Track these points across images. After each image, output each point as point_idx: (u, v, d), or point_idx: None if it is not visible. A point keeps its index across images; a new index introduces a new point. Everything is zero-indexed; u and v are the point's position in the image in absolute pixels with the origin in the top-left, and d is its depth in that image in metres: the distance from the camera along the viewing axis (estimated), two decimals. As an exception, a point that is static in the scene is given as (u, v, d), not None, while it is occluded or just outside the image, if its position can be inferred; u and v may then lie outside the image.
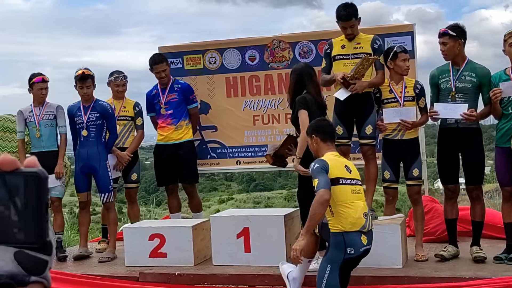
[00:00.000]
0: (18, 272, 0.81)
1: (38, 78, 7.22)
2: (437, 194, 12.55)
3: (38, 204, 0.82)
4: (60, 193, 7.28)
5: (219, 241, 6.45)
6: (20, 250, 0.81)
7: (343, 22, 6.37)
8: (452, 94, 6.24)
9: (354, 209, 5.04)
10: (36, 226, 0.82)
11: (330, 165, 5.01)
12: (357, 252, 5.02)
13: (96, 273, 6.49)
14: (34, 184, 0.82)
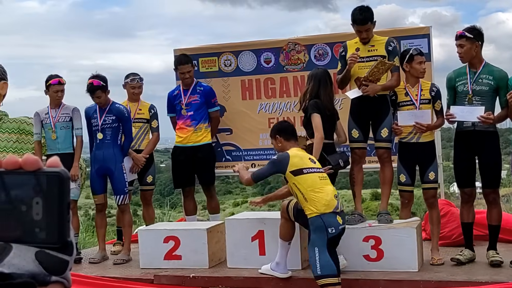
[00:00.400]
0: (39, 271, 0.81)
1: (54, 80, 7.25)
2: (453, 198, 12.48)
3: (59, 204, 0.82)
4: (75, 196, 7.30)
5: (234, 243, 6.44)
6: (41, 250, 0.81)
7: (358, 26, 6.35)
8: (469, 97, 6.20)
9: (325, 193, 5.55)
10: (58, 226, 0.82)
11: (293, 160, 5.65)
12: (337, 231, 5.51)
13: (111, 275, 6.50)
14: (56, 184, 0.82)
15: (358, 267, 6.01)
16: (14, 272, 0.79)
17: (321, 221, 5.46)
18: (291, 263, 6.19)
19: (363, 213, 6.64)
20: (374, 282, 5.72)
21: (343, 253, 5.89)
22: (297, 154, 5.75)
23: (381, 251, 6.01)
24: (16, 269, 0.80)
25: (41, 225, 0.81)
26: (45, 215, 0.81)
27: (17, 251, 0.81)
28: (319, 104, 6.46)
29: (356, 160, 6.58)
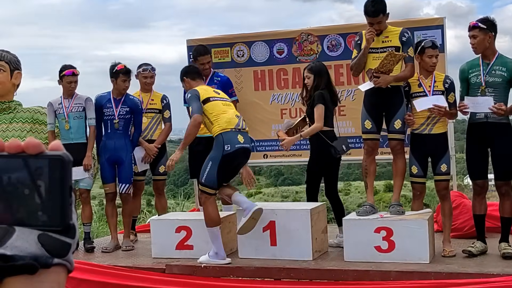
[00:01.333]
0: (42, 254, 0.82)
1: (68, 71, 7.29)
2: (467, 190, 12.45)
3: (62, 187, 0.83)
4: (88, 185, 7.35)
5: (245, 234, 6.46)
6: (43, 233, 0.82)
7: (370, 17, 6.33)
8: (482, 88, 6.17)
9: (227, 113, 6.28)
10: (60, 209, 0.83)
11: (200, 91, 6.32)
12: (233, 148, 6.12)
13: (123, 264, 6.53)
14: (58, 167, 0.83)
15: (369, 258, 6.02)
16: (17, 254, 0.80)
17: (221, 138, 6.15)
18: (302, 253, 6.22)
19: (375, 205, 6.63)
20: (385, 273, 5.72)
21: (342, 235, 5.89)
22: (202, 88, 6.51)
23: (392, 243, 6.01)
24: (19, 251, 0.81)
25: (44, 208, 0.82)
26: (47, 198, 0.82)
27: (20, 233, 0.81)
28: (324, 95, 6.90)
29: (368, 152, 6.57)
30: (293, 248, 6.27)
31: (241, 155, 6.26)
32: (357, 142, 8.15)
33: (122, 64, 7.45)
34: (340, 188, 36.25)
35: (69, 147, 7.16)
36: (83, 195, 7.35)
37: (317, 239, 6.39)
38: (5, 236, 0.81)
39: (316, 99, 6.86)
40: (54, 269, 0.83)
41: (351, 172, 40.28)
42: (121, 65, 7.43)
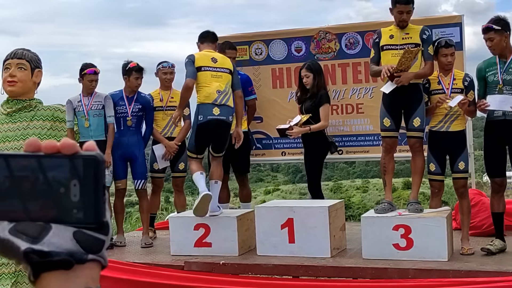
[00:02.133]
0: (77, 250, 0.85)
1: (90, 70, 7.37)
2: (486, 188, 12.39)
3: (96, 185, 0.86)
4: (108, 182, 7.40)
5: (264, 231, 6.48)
6: (79, 230, 0.85)
7: (401, 5, 6.30)
8: (499, 87, 6.15)
9: (210, 87, 6.65)
10: (94, 207, 0.86)
11: (196, 57, 6.70)
12: (205, 119, 6.65)
13: (142, 261, 6.58)
14: (92, 167, 0.86)
15: (388, 256, 6.02)
16: (53, 250, 0.84)
17: (197, 109, 6.73)
18: (321, 250, 6.23)
19: (394, 202, 6.63)
20: (403, 271, 5.72)
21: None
22: (201, 53, 6.88)
23: (410, 240, 6.00)
24: (55, 247, 0.84)
25: (79, 206, 0.85)
26: (82, 196, 0.85)
27: (56, 230, 0.85)
28: (328, 95, 7.55)
29: (387, 149, 6.56)
30: (311, 246, 6.28)
31: (214, 125, 6.69)
32: (376, 140, 8.16)
33: (134, 62, 7.60)
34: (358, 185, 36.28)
35: (89, 144, 7.23)
36: None
37: (335, 236, 6.40)
38: (42, 233, 0.84)
39: (324, 98, 7.40)
40: (89, 264, 0.86)
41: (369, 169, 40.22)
42: (134, 62, 7.59)
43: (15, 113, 4.03)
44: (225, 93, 6.72)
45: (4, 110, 4.03)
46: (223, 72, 6.80)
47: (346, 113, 8.39)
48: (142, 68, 7.66)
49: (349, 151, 8.53)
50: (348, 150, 8.51)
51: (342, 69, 8.36)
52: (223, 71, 6.81)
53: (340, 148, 8.37)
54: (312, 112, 7.38)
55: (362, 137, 8.43)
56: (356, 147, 8.47)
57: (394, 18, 6.42)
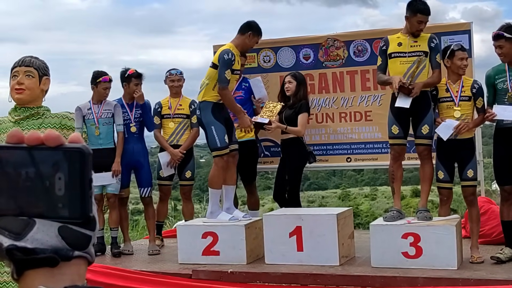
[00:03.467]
0: (62, 246, 0.82)
1: (105, 78, 7.40)
2: (495, 196, 12.32)
3: (81, 179, 0.83)
4: (116, 190, 7.40)
5: (272, 239, 6.46)
6: (64, 225, 0.82)
7: (422, 15, 6.30)
8: (509, 94, 6.12)
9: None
10: (80, 202, 0.82)
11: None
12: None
13: (150, 269, 6.56)
14: (78, 160, 0.83)
15: (397, 264, 5.98)
16: (37, 247, 0.81)
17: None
18: (329, 259, 6.20)
19: (402, 210, 6.60)
20: (412, 280, 5.68)
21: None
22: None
23: (420, 248, 5.97)
24: (39, 244, 0.81)
25: (64, 200, 0.82)
26: (67, 190, 0.82)
27: (41, 226, 0.82)
28: (309, 105, 7.74)
29: (395, 157, 6.53)
30: (320, 254, 6.25)
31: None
32: (384, 148, 8.12)
33: (132, 69, 7.66)
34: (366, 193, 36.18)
35: (98, 152, 7.22)
36: (110, 200, 7.42)
37: (344, 244, 6.37)
38: (25, 229, 0.81)
39: (304, 107, 7.56)
40: (75, 261, 0.83)
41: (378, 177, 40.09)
42: (132, 69, 7.65)
43: (22, 121, 4.02)
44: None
45: (12, 118, 4.02)
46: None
47: (355, 121, 8.36)
48: (141, 74, 7.68)
49: (357, 159, 8.50)
50: (357, 158, 8.48)
51: (351, 76, 8.34)
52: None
53: (349, 156, 8.35)
54: (293, 121, 7.51)
55: (370, 144, 8.39)
56: (365, 154, 8.44)
57: (411, 26, 6.38)
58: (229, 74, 6.65)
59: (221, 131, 6.73)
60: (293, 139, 7.59)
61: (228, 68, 6.64)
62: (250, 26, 6.92)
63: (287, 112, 7.59)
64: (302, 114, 7.51)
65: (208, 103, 6.76)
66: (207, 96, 6.77)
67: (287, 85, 7.64)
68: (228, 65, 6.64)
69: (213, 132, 6.72)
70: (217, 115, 6.77)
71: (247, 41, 6.88)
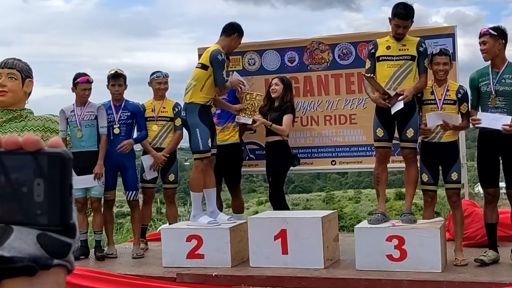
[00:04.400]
0: (41, 255, 0.79)
1: (83, 79, 7.34)
2: (478, 198, 12.38)
3: (61, 185, 0.80)
4: (99, 193, 7.36)
5: (257, 242, 6.45)
6: (43, 233, 0.80)
7: (399, 20, 6.30)
8: (492, 97, 6.15)
9: None
10: (60, 208, 0.80)
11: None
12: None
13: (134, 273, 6.53)
14: (58, 165, 0.80)
15: (381, 267, 5.99)
16: (15, 256, 0.78)
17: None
18: (314, 261, 6.20)
19: (387, 213, 6.61)
20: (397, 282, 5.69)
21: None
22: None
23: (404, 251, 5.98)
24: (17, 252, 0.78)
25: (43, 207, 0.79)
26: (46, 196, 0.79)
27: (18, 233, 0.79)
28: (294, 108, 7.76)
29: (380, 160, 6.55)
30: (305, 257, 6.25)
31: None
32: (368, 151, 8.14)
33: (114, 70, 7.61)
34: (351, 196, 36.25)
35: (80, 155, 7.21)
36: (94, 203, 7.37)
37: (329, 247, 6.38)
38: (2, 237, 0.79)
39: (290, 109, 7.59)
40: (54, 270, 0.80)
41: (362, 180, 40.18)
42: (113, 70, 7.60)
43: (5, 124, 3.99)
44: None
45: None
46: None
47: (339, 124, 8.37)
48: (119, 74, 7.59)
49: (342, 162, 8.51)
50: (341, 161, 8.49)
51: (335, 79, 8.35)
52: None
53: (333, 159, 8.36)
54: (279, 123, 7.55)
55: (355, 147, 8.41)
56: (349, 157, 8.45)
57: (392, 29, 6.42)
58: (224, 74, 6.75)
59: (206, 134, 6.71)
60: (277, 142, 7.60)
61: (224, 68, 6.72)
62: (235, 28, 6.93)
63: (273, 114, 7.60)
64: (287, 115, 7.55)
65: (195, 105, 6.74)
66: (195, 97, 6.75)
67: (274, 87, 7.66)
68: (223, 66, 6.71)
69: (197, 134, 6.71)
70: (203, 117, 6.76)
71: (233, 43, 6.89)
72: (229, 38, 6.88)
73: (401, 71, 6.30)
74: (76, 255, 7.32)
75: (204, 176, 6.85)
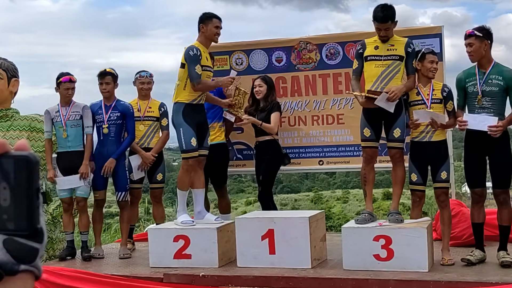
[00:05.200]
0: (7, 260, 0.78)
1: (65, 78, 7.28)
2: (465, 198, 12.43)
3: (28, 189, 0.79)
4: (85, 193, 7.32)
5: (244, 242, 6.44)
6: (9, 238, 0.78)
7: (378, 23, 6.32)
8: (478, 98, 6.17)
9: None
10: (26, 212, 0.78)
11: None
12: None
13: (121, 273, 6.51)
14: (24, 169, 0.79)
15: (368, 267, 6.00)
16: None
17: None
18: (301, 261, 6.20)
19: (374, 213, 6.61)
20: (384, 282, 5.70)
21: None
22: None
23: (391, 251, 5.99)
24: None
25: (9, 211, 0.78)
26: (13, 201, 0.78)
27: None
28: (279, 105, 7.86)
29: (367, 160, 6.56)
30: (292, 257, 6.25)
31: None
32: (356, 150, 8.16)
33: (103, 69, 7.52)
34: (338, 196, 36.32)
35: (66, 155, 7.18)
36: (80, 203, 7.33)
37: (316, 247, 6.38)
38: None
39: (276, 107, 7.69)
40: (21, 275, 0.79)
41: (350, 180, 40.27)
42: (102, 69, 7.51)
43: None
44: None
45: (-20, 120, 3.97)
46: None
47: (327, 124, 8.38)
48: (106, 72, 7.50)
49: (329, 162, 8.52)
50: (329, 161, 8.50)
51: (323, 79, 8.36)
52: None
53: (321, 159, 8.37)
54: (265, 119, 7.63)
55: (342, 147, 8.42)
56: (337, 157, 8.47)
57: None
58: (199, 69, 6.68)
59: (189, 134, 6.71)
60: (268, 141, 7.66)
61: (197, 63, 6.67)
62: (200, 19, 6.95)
63: (260, 115, 7.66)
64: (274, 113, 7.65)
65: (180, 104, 6.74)
66: (180, 97, 6.76)
67: (258, 89, 7.73)
68: (195, 60, 6.67)
69: (181, 134, 6.74)
70: (188, 117, 6.75)
71: (205, 33, 6.87)
72: (200, 32, 6.91)
73: (388, 71, 6.31)
74: (63, 256, 7.30)
75: (192, 175, 6.85)
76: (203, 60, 6.74)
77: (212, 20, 6.88)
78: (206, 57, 6.82)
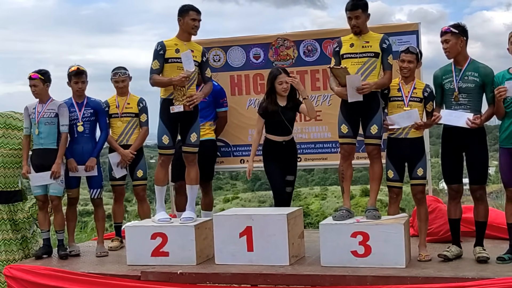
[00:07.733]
0: None
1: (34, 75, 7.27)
2: (442, 195, 12.52)
3: None
4: (58, 192, 7.26)
5: (222, 240, 6.43)
6: None
7: (349, 12, 6.34)
8: (455, 94, 6.20)
9: None
10: None
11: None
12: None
13: (97, 271, 6.48)
14: None
15: (346, 263, 6.01)
16: None
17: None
18: (279, 258, 6.20)
19: (352, 209, 6.63)
20: (361, 278, 5.71)
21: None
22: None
23: (368, 247, 6.01)
24: None
25: None
26: None
27: None
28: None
29: (345, 156, 6.56)
30: (270, 254, 6.25)
31: None
32: (333, 147, 8.17)
33: (75, 66, 7.44)
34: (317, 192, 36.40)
35: (39, 152, 7.15)
36: (53, 202, 7.27)
37: (294, 244, 6.38)
38: None
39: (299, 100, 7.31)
40: None
41: (328, 177, 40.39)
42: (74, 67, 7.43)
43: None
44: None
45: (-46, 118, 3.91)
46: None
47: (305, 121, 8.39)
48: (82, 71, 7.43)
49: (307, 159, 8.53)
50: (307, 158, 8.52)
51: (301, 76, 8.35)
52: None
53: (299, 156, 8.38)
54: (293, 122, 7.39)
55: (320, 144, 8.44)
56: (315, 154, 8.48)
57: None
58: (155, 64, 6.70)
59: (161, 130, 6.77)
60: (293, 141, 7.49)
61: (155, 58, 6.70)
62: (178, 12, 6.85)
63: (289, 114, 7.31)
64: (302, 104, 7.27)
65: (161, 99, 6.78)
66: (160, 93, 6.80)
67: (285, 86, 7.24)
68: (154, 56, 6.71)
69: (157, 129, 6.81)
70: (162, 113, 6.79)
71: (183, 26, 6.80)
72: (179, 25, 6.84)
73: (364, 68, 6.32)
74: (39, 254, 7.25)
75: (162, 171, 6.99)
76: (169, 53, 6.69)
77: (189, 12, 6.79)
78: (178, 48, 6.72)
